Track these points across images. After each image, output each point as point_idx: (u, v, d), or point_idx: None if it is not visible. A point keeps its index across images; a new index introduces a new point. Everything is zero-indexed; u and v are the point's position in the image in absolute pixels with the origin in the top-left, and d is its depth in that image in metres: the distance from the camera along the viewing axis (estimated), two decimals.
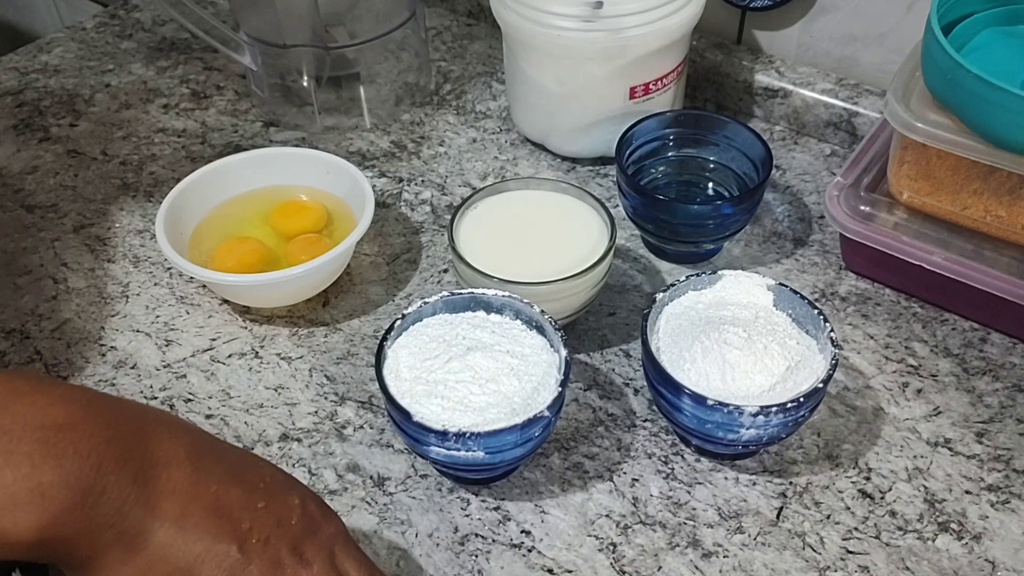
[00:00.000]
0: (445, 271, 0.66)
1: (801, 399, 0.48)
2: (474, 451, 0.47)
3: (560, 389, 0.48)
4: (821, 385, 0.49)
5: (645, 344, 0.51)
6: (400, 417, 0.48)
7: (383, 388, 0.49)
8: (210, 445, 0.39)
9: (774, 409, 0.47)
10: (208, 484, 0.36)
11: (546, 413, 0.47)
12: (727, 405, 0.47)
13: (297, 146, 0.76)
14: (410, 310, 0.52)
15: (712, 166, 0.67)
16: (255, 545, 0.37)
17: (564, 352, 0.50)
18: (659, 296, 0.54)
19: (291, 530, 0.38)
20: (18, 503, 0.33)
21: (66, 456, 0.34)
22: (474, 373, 0.49)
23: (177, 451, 0.37)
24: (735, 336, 0.51)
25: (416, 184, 0.73)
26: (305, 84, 0.76)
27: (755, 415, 0.47)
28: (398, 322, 0.52)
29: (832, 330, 0.51)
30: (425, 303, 0.53)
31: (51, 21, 1.49)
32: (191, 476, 0.36)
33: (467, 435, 0.46)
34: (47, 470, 0.33)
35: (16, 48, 0.89)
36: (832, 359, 0.50)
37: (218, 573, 0.36)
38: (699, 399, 0.48)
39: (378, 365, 0.50)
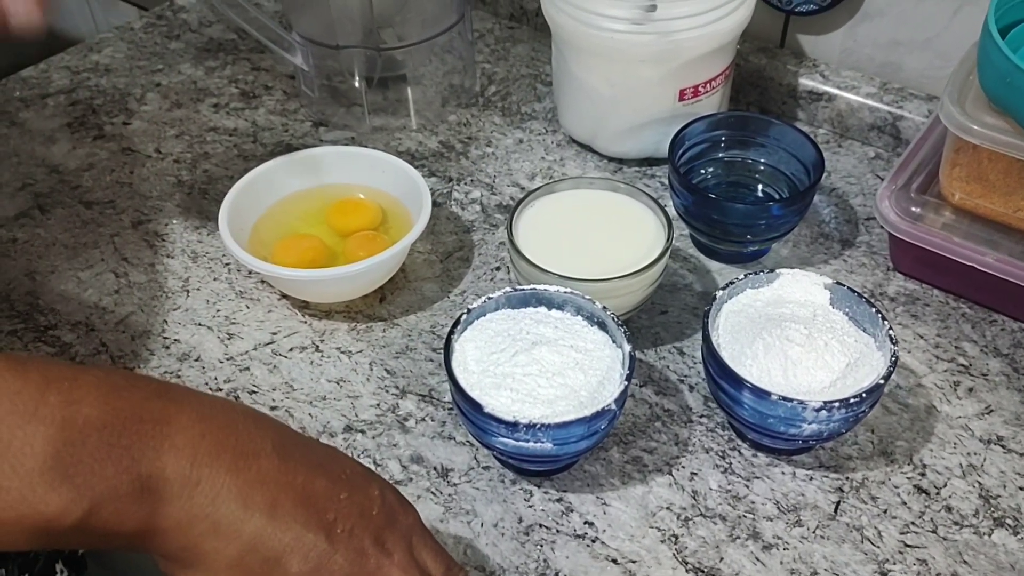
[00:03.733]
0: (498, 269, 0.67)
1: (863, 394, 0.49)
2: (543, 442, 0.48)
3: (626, 383, 0.49)
4: (882, 381, 0.50)
5: (707, 340, 0.52)
6: (470, 408, 0.49)
7: (452, 380, 0.50)
8: (293, 437, 0.40)
9: (837, 404, 0.48)
10: (295, 475, 0.38)
11: (613, 406, 0.48)
12: (791, 400, 0.48)
13: (348, 145, 0.77)
14: (475, 305, 0.53)
15: (762, 167, 0.68)
16: (341, 535, 0.38)
17: (628, 347, 0.51)
18: (719, 294, 0.55)
19: (373, 520, 0.39)
20: (120, 495, 0.34)
21: (163, 449, 0.35)
22: (541, 367, 0.51)
23: (265, 443, 0.38)
24: (797, 333, 0.52)
25: (465, 183, 0.74)
26: (356, 85, 0.77)
27: (818, 410, 0.48)
28: (463, 316, 0.53)
29: (890, 328, 0.52)
30: (489, 298, 0.54)
31: (85, 23, 1.51)
32: (279, 467, 0.37)
33: (537, 426, 0.47)
34: (146, 463, 0.34)
35: (50, 49, 0.90)
36: (892, 356, 0.51)
37: (306, 562, 0.37)
38: (762, 394, 0.49)
39: (447, 357, 0.51)
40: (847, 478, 0.54)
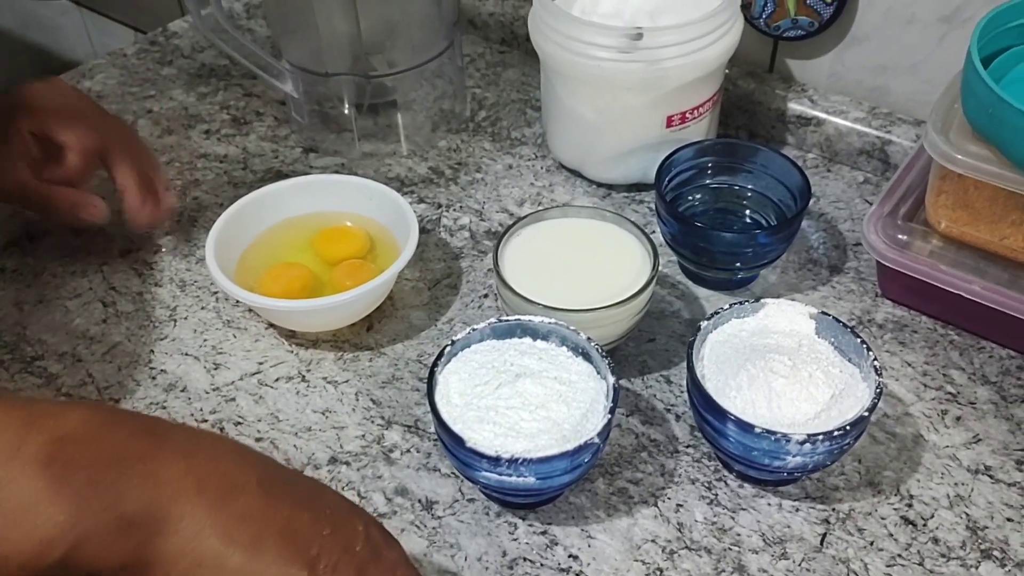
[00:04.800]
0: (486, 296, 0.67)
1: (847, 427, 0.49)
2: (525, 477, 0.48)
3: (609, 416, 0.49)
4: (866, 413, 0.49)
5: (691, 372, 0.52)
6: (452, 442, 0.49)
7: (435, 414, 0.50)
8: (278, 471, 0.40)
9: (821, 437, 0.48)
10: (279, 510, 0.37)
11: (596, 440, 0.48)
12: (774, 433, 0.48)
13: (337, 172, 0.77)
14: (459, 336, 0.53)
15: (749, 194, 0.68)
16: (324, 571, 0.37)
17: (612, 379, 0.51)
18: (703, 324, 0.54)
19: (357, 556, 0.39)
20: (104, 532, 0.34)
21: (147, 486, 0.35)
22: (524, 399, 0.50)
23: (249, 478, 0.38)
24: (781, 364, 0.52)
25: (455, 210, 0.74)
26: (346, 111, 0.77)
27: (802, 443, 0.48)
28: (447, 348, 0.53)
29: (875, 359, 0.52)
30: (473, 330, 0.54)
31: (81, 45, 1.52)
32: (263, 502, 0.37)
33: (519, 461, 0.47)
34: (131, 500, 0.34)
35: (47, 71, 0.90)
36: (876, 388, 0.51)
37: None
38: (746, 426, 0.49)
39: (430, 391, 0.51)
40: (833, 509, 0.54)
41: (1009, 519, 0.53)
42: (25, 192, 0.62)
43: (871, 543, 0.52)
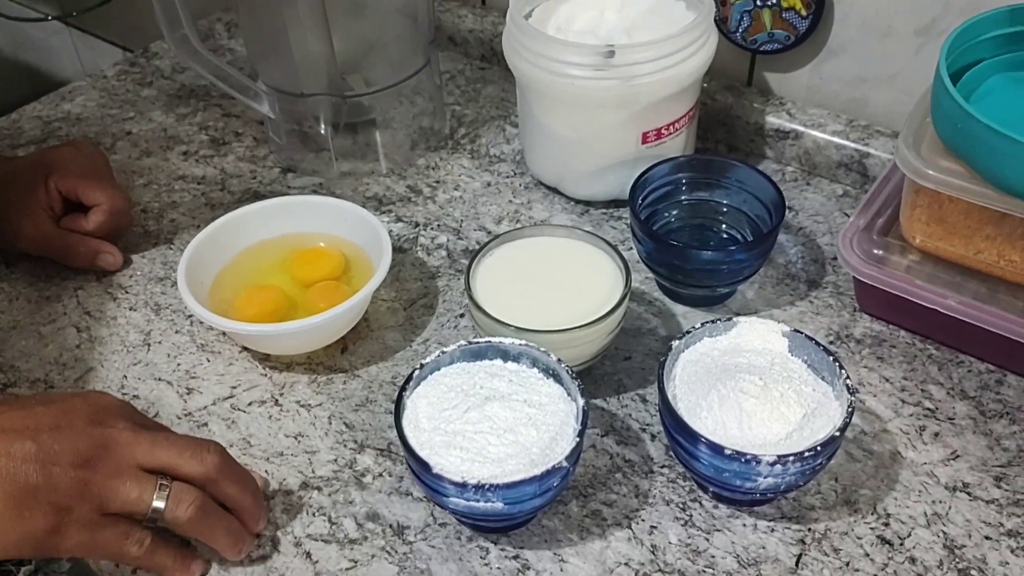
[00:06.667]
0: (462, 316, 0.66)
1: (818, 448, 0.48)
2: (493, 502, 0.47)
3: (578, 439, 0.49)
4: (838, 433, 0.49)
5: (662, 392, 0.52)
6: (419, 468, 0.48)
7: (402, 439, 0.49)
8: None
9: (791, 458, 0.48)
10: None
11: (564, 463, 0.48)
12: (744, 455, 0.48)
13: (315, 192, 0.77)
14: (428, 359, 0.53)
15: (725, 209, 0.68)
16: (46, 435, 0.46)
17: (581, 401, 0.51)
18: (675, 343, 0.54)
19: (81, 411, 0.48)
20: None
21: None
22: (492, 423, 0.50)
23: None
24: (751, 384, 0.51)
25: (432, 228, 0.74)
26: (323, 131, 0.77)
27: (772, 464, 0.48)
28: (416, 372, 0.52)
29: (848, 377, 0.51)
30: (443, 352, 0.53)
31: (71, 64, 1.53)
32: None
33: (486, 487, 0.47)
34: None
35: (38, 90, 0.91)
36: (848, 407, 0.50)
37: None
38: (716, 448, 0.48)
39: (397, 416, 0.50)
40: (809, 529, 0.53)
41: (987, 537, 0.52)
42: (47, 240, 0.68)
43: (847, 563, 0.51)
